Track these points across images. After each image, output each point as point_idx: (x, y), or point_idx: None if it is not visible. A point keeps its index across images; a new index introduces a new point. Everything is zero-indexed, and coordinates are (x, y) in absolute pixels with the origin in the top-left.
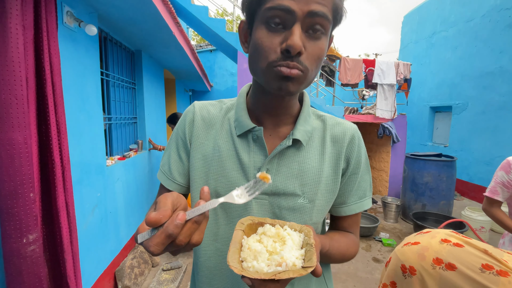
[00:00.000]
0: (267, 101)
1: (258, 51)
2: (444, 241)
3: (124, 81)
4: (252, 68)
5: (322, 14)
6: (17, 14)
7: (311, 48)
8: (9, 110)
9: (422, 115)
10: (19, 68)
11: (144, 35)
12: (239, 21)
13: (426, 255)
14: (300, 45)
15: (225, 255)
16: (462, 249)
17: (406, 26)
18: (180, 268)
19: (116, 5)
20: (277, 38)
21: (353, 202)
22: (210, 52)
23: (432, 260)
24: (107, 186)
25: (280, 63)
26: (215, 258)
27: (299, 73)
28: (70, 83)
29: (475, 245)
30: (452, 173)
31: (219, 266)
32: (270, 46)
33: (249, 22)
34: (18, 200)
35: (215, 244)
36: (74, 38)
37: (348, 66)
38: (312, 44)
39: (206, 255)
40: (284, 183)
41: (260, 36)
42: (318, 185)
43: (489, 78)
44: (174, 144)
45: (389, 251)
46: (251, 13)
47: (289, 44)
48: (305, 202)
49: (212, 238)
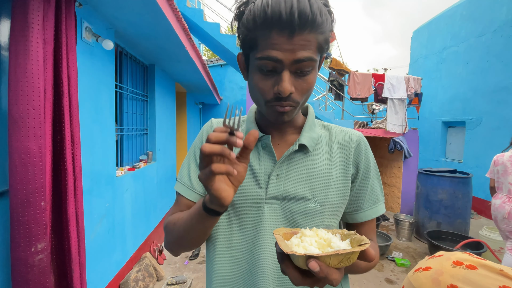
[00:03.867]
0: None
1: (255, 90)
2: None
3: (137, 94)
4: (254, 100)
5: (307, 59)
6: (38, 29)
7: (300, 85)
8: (26, 120)
9: (434, 130)
10: (37, 80)
11: (158, 50)
12: None
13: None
14: (289, 89)
15: (239, 262)
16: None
17: (415, 41)
18: (185, 282)
19: (133, 21)
20: (270, 81)
21: (368, 207)
22: (220, 67)
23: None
24: (116, 196)
25: (275, 104)
26: (230, 265)
27: (292, 108)
28: (86, 95)
29: (489, 266)
30: (468, 190)
31: (233, 273)
32: (264, 88)
33: (245, 58)
34: (30, 208)
35: (229, 251)
36: (92, 52)
37: (357, 80)
38: (301, 81)
39: (220, 262)
40: (294, 188)
41: (256, 78)
42: (328, 188)
43: (504, 93)
44: (193, 157)
45: (403, 271)
46: (246, 54)
47: (280, 89)
48: (316, 205)
49: (226, 245)
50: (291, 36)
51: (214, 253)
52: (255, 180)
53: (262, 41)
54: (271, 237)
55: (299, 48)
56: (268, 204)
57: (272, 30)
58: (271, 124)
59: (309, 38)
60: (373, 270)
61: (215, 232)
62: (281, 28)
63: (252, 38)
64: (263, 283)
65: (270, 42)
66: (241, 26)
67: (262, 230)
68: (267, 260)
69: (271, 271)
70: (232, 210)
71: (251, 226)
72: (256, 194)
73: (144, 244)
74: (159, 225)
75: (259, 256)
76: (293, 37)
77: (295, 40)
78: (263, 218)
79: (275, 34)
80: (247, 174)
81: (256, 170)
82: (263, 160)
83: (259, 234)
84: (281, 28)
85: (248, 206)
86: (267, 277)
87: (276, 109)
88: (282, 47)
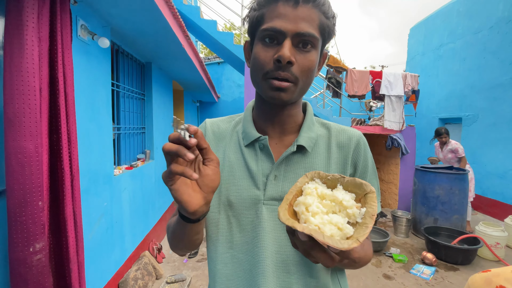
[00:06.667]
0: (270, 112)
1: (255, 63)
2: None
3: (134, 92)
4: (252, 79)
5: (308, 34)
6: (33, 27)
7: (301, 60)
8: (22, 119)
9: (431, 126)
10: (33, 79)
11: (154, 48)
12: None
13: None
14: (288, 55)
15: (241, 262)
16: None
17: (412, 38)
18: (184, 281)
19: (129, 19)
20: (271, 51)
21: None
22: (218, 65)
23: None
24: (114, 195)
25: (273, 74)
26: (232, 265)
27: (289, 84)
28: (82, 93)
29: None
30: (464, 186)
31: (236, 272)
32: (265, 58)
33: (251, 41)
34: (27, 208)
35: (231, 252)
36: (87, 50)
37: (355, 77)
38: (302, 56)
39: (223, 262)
40: None
41: (257, 50)
42: None
43: (500, 90)
44: None
45: (400, 267)
46: (252, 34)
47: (280, 54)
48: None
49: (228, 245)
50: (295, 6)
51: (216, 254)
52: (253, 181)
53: (268, 13)
54: (271, 238)
55: (302, 20)
56: (267, 205)
57: (279, 1)
58: (269, 123)
59: (312, 13)
60: (371, 266)
61: (216, 233)
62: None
63: (261, 14)
64: (264, 283)
65: (276, 13)
66: (251, 11)
67: (261, 231)
68: (267, 260)
69: (272, 271)
70: (231, 211)
71: (250, 227)
72: (254, 195)
73: (143, 242)
74: (158, 223)
75: (259, 257)
76: (297, 8)
77: (299, 11)
78: (261, 219)
79: (280, 4)
80: (245, 175)
81: (253, 171)
82: (260, 161)
83: (258, 235)
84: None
85: (246, 207)
86: (268, 277)
87: (273, 84)
88: (286, 16)
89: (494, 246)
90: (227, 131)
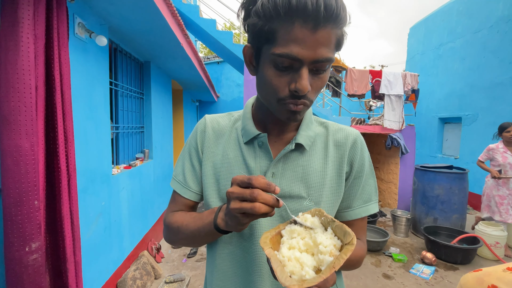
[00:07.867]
0: (271, 114)
1: (267, 87)
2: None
3: (132, 91)
4: (262, 97)
5: (326, 59)
6: (29, 24)
7: (315, 83)
8: (17, 117)
9: (431, 126)
10: (29, 76)
11: (153, 46)
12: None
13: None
14: (307, 87)
15: (238, 258)
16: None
17: (412, 38)
18: (183, 280)
19: (127, 17)
20: (285, 78)
21: (358, 206)
22: (217, 64)
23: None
24: (112, 195)
25: (289, 101)
26: (230, 261)
27: (304, 107)
28: (79, 92)
29: None
30: (464, 185)
31: (233, 268)
32: (279, 85)
33: (255, 51)
34: (23, 207)
35: (229, 247)
36: (85, 48)
37: (355, 77)
38: (316, 79)
39: (221, 257)
40: (289, 186)
41: (269, 74)
42: (323, 187)
43: (500, 89)
44: (187, 155)
45: (400, 267)
46: (258, 47)
47: (298, 87)
48: (311, 204)
49: (227, 241)
50: (314, 29)
51: (215, 249)
52: None
53: (282, 34)
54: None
55: (320, 45)
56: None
57: (295, 22)
58: (268, 121)
59: (331, 34)
60: (371, 266)
61: None
62: (305, 20)
63: (270, 30)
64: (259, 280)
65: (292, 36)
66: (254, 15)
67: (258, 228)
68: (263, 258)
69: (267, 269)
70: None
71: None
72: None
73: (141, 242)
74: (157, 223)
75: (254, 255)
76: (317, 31)
77: (318, 34)
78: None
79: (298, 26)
80: (243, 172)
81: (252, 168)
82: (259, 158)
83: (254, 232)
84: (305, 20)
85: None
86: (264, 274)
87: (289, 108)
88: (304, 42)
89: (493, 245)
90: (226, 128)
